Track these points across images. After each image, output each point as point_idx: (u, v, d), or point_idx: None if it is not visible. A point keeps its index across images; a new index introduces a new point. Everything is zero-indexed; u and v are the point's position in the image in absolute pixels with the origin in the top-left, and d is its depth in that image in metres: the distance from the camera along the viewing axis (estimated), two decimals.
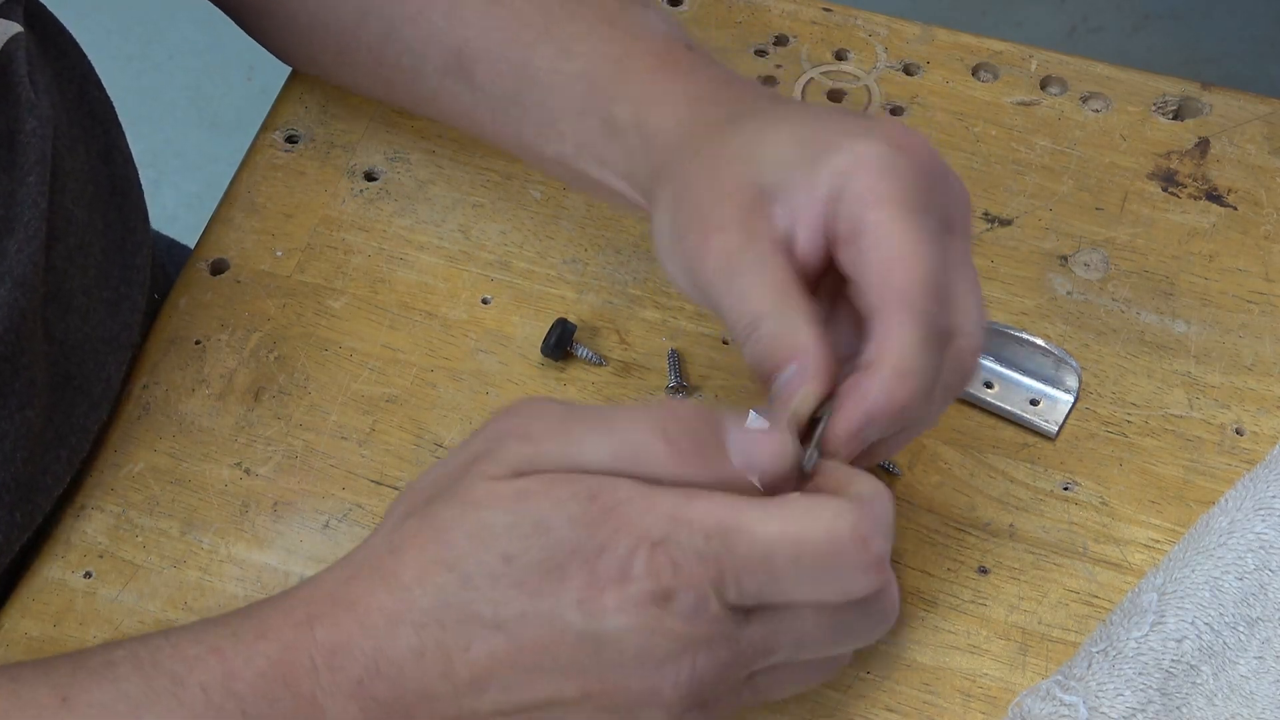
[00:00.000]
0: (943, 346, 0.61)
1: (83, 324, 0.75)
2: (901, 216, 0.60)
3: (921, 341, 0.59)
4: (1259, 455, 0.74)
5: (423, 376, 0.77)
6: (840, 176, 0.61)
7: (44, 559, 0.73)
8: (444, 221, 0.82)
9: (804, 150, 0.62)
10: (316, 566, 0.72)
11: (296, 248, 0.82)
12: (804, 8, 0.89)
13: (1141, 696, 0.66)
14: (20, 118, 0.71)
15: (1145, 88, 0.85)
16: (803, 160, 0.62)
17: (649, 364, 0.77)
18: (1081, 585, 0.71)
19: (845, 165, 0.61)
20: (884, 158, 0.60)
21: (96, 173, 0.78)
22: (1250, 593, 0.68)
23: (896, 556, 0.72)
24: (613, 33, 0.71)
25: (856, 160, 0.60)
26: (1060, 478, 0.74)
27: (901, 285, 0.59)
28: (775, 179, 0.62)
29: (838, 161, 0.61)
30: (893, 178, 0.60)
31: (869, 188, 0.60)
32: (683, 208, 0.64)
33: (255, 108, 1.97)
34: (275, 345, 0.79)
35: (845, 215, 0.61)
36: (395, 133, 0.85)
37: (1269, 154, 0.83)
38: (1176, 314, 0.78)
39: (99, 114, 0.79)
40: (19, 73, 0.71)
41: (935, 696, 0.69)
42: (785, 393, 0.60)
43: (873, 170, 0.60)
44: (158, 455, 0.76)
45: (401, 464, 0.75)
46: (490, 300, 0.80)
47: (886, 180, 0.60)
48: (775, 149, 0.63)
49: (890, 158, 0.60)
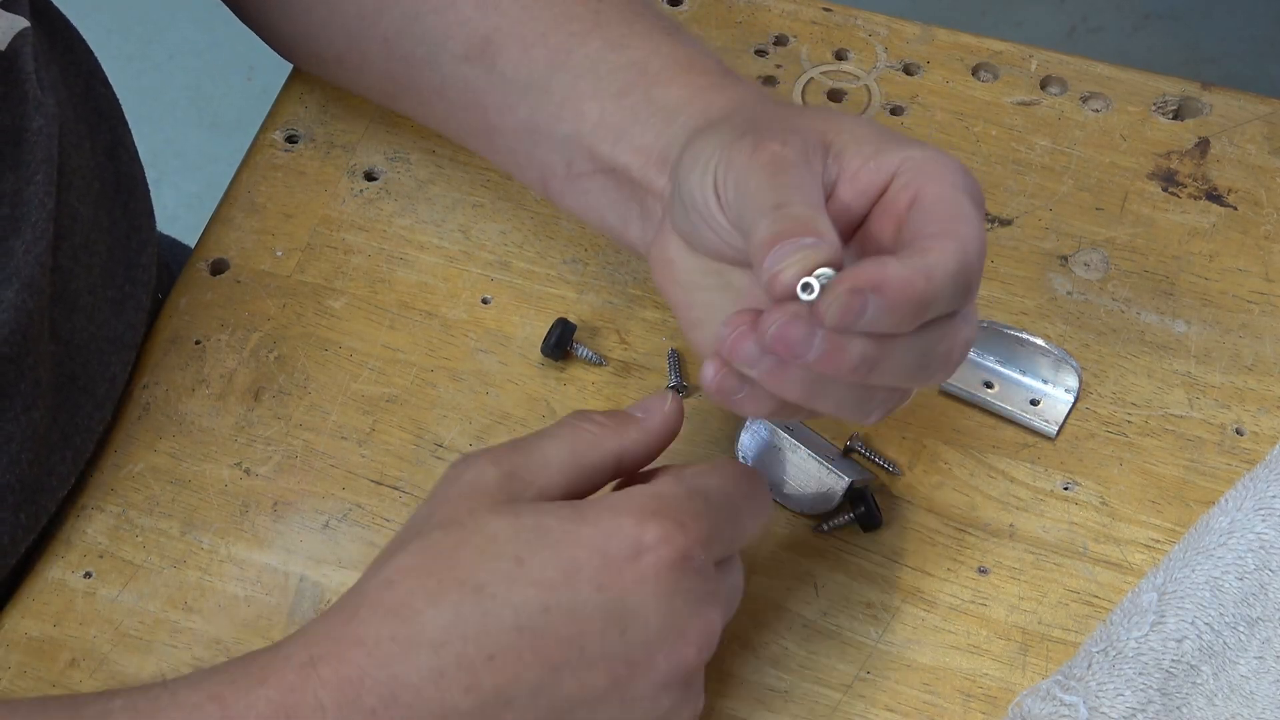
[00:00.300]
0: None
1: (88, 324, 0.75)
2: (963, 196, 0.60)
3: (953, 274, 0.57)
4: (1259, 455, 0.74)
5: (423, 376, 0.77)
6: (906, 162, 0.61)
7: (44, 559, 0.73)
8: (444, 221, 0.82)
9: (880, 135, 0.63)
10: (317, 566, 0.72)
11: (296, 248, 0.82)
12: (804, 8, 0.89)
13: (1141, 696, 0.66)
14: (27, 115, 0.70)
15: (1145, 88, 0.85)
16: (877, 138, 0.62)
17: (649, 364, 0.77)
18: (1081, 585, 0.71)
19: (911, 155, 0.61)
20: (947, 161, 0.62)
21: (102, 170, 0.78)
22: (1250, 593, 0.68)
23: (897, 556, 0.72)
24: (673, 40, 0.72)
25: (922, 156, 0.61)
26: (1060, 478, 0.74)
27: (954, 231, 0.58)
28: (845, 141, 0.62)
29: (913, 152, 0.62)
30: (958, 174, 0.61)
31: (936, 173, 0.61)
32: (743, 135, 0.62)
33: (255, 108, 1.97)
34: (275, 345, 0.79)
35: (909, 185, 0.60)
36: (395, 133, 0.85)
37: (1269, 154, 0.83)
38: (1176, 314, 0.78)
39: (105, 110, 0.79)
40: (26, 69, 0.71)
41: (935, 696, 0.69)
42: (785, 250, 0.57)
43: (937, 165, 0.61)
44: (158, 455, 0.76)
45: (401, 464, 0.75)
46: (490, 300, 0.80)
47: (952, 173, 0.61)
48: (846, 125, 0.63)
49: (952, 163, 0.62)
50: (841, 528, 0.72)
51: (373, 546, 0.73)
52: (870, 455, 0.74)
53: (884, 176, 0.61)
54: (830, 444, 0.74)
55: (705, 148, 0.63)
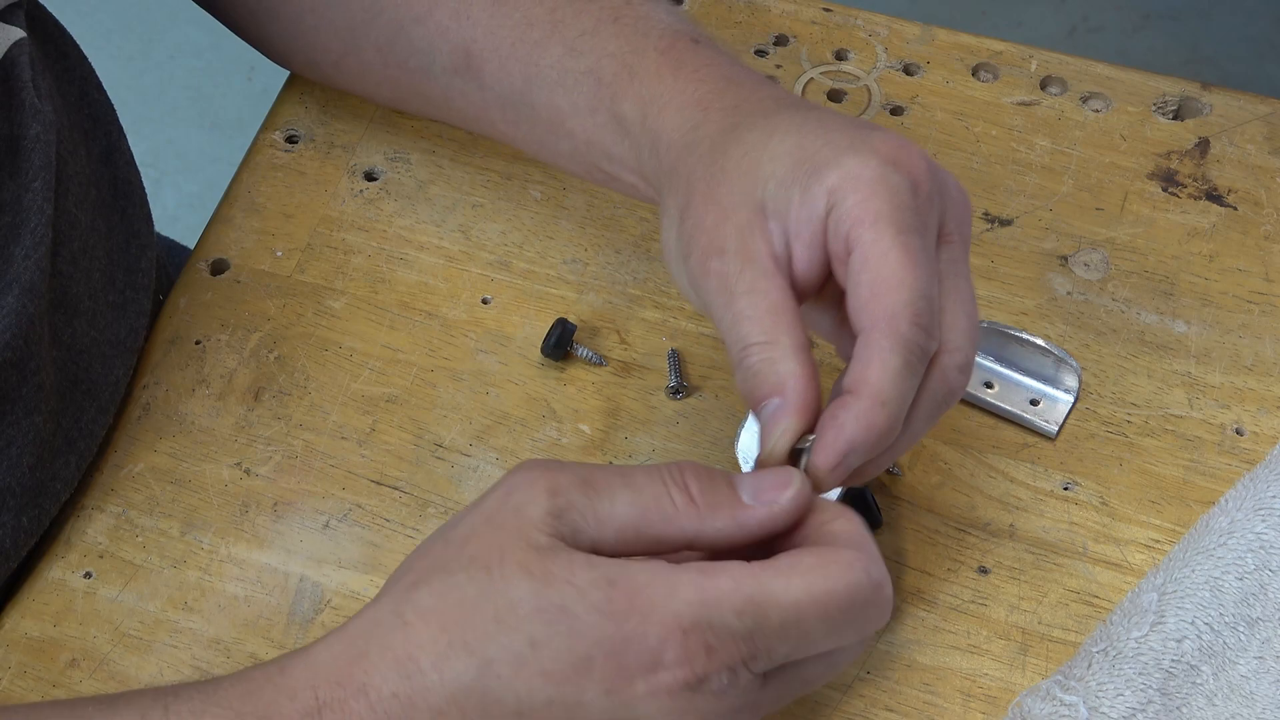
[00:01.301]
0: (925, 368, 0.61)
1: (89, 328, 0.75)
2: (891, 236, 0.60)
3: (901, 369, 0.59)
4: (1259, 455, 0.74)
5: (423, 376, 0.77)
6: (833, 195, 0.61)
7: (45, 559, 0.73)
8: (444, 221, 0.82)
9: (799, 168, 0.62)
10: (317, 566, 0.72)
11: (296, 248, 0.82)
12: (804, 8, 0.89)
13: (1141, 696, 0.66)
14: (24, 123, 0.71)
15: (1145, 88, 0.85)
16: (798, 178, 0.62)
17: (649, 364, 0.77)
18: (1081, 585, 0.71)
19: (838, 183, 0.61)
20: (876, 174, 0.61)
21: (99, 176, 0.78)
22: (1250, 593, 0.68)
23: (897, 556, 0.72)
24: (619, 29, 0.71)
25: (849, 178, 0.61)
26: (1060, 478, 0.74)
27: (886, 309, 0.59)
28: (773, 197, 0.62)
29: (831, 179, 0.61)
30: (884, 195, 0.60)
31: (860, 206, 0.60)
32: (685, 224, 0.64)
33: (255, 108, 1.98)
34: (275, 345, 0.79)
35: (837, 234, 0.61)
36: (395, 133, 0.85)
37: (1269, 154, 0.83)
38: (1176, 314, 0.78)
39: (100, 116, 0.79)
40: (22, 78, 0.71)
41: (935, 696, 0.69)
42: (769, 426, 0.61)
43: (864, 188, 0.60)
44: (158, 455, 0.76)
45: (401, 464, 0.75)
46: (490, 300, 0.80)
47: (877, 199, 0.60)
48: (772, 165, 0.63)
49: (882, 174, 0.61)
50: None
51: (373, 546, 0.73)
52: None
53: (820, 222, 0.61)
54: None
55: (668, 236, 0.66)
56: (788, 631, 0.56)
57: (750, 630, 0.56)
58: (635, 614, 0.55)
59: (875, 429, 0.59)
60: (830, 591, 0.56)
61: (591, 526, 0.57)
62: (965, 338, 0.62)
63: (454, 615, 0.57)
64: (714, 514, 0.58)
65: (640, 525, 0.58)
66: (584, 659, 0.56)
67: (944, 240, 0.63)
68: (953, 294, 0.62)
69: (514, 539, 0.57)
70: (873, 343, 0.60)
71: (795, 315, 0.61)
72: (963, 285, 0.63)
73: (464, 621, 0.56)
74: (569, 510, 0.57)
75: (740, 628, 0.56)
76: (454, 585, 0.57)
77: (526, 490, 0.58)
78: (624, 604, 0.56)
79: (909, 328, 0.59)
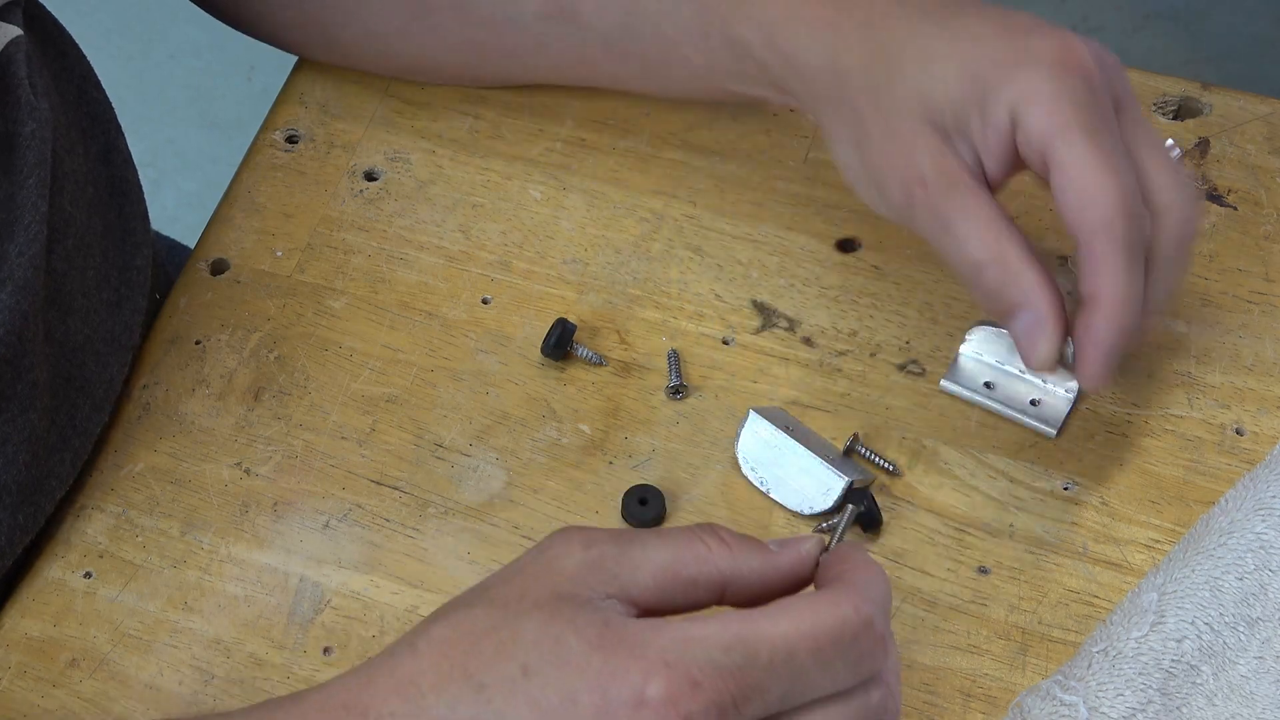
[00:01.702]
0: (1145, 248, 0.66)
1: (84, 326, 0.75)
2: (1083, 143, 0.64)
3: (1128, 264, 0.65)
4: (1259, 455, 0.74)
5: (423, 376, 0.77)
6: (1015, 112, 0.64)
7: (44, 559, 0.73)
8: (444, 221, 0.82)
9: (973, 90, 0.65)
10: (317, 566, 0.72)
11: (296, 248, 0.82)
12: None
13: (1141, 696, 0.66)
14: (20, 120, 0.71)
15: (1145, 88, 0.85)
16: (974, 100, 0.65)
17: (649, 364, 0.77)
18: (1081, 585, 0.71)
19: (1017, 100, 0.64)
20: (1052, 85, 0.64)
21: (96, 174, 0.78)
22: (1250, 593, 0.68)
23: (897, 556, 0.72)
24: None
25: (1026, 94, 0.64)
26: (1060, 478, 0.74)
27: (1099, 218, 0.64)
28: (954, 121, 0.66)
29: (1009, 95, 0.64)
30: (1066, 104, 0.64)
31: (1045, 120, 0.64)
32: (869, 156, 0.68)
33: (255, 108, 1.97)
34: (275, 345, 0.79)
35: (1030, 147, 0.65)
36: (395, 133, 0.85)
37: (1269, 154, 0.83)
38: (1176, 314, 0.78)
39: (98, 115, 0.79)
40: (19, 75, 0.71)
41: (935, 696, 0.69)
42: (1027, 339, 0.67)
43: (1045, 101, 0.64)
44: (158, 455, 0.76)
45: (401, 464, 0.75)
46: (490, 300, 0.80)
47: (1060, 110, 0.64)
48: (944, 90, 0.66)
49: (1058, 85, 0.64)
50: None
51: (373, 546, 0.73)
52: (870, 455, 0.74)
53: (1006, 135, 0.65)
54: (830, 444, 0.74)
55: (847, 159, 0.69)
56: (777, 668, 0.55)
57: (739, 666, 0.55)
58: (623, 647, 0.55)
59: (1126, 327, 0.66)
60: (817, 624, 0.55)
61: (625, 573, 0.57)
62: (1174, 192, 0.67)
63: (462, 645, 0.57)
64: (747, 554, 0.58)
65: (675, 565, 0.57)
66: (571, 692, 0.55)
67: (1120, 110, 0.66)
68: (1148, 158, 0.66)
69: (540, 584, 0.57)
70: (1096, 252, 0.65)
71: (1011, 224, 0.66)
72: (1151, 140, 0.67)
73: (469, 650, 0.56)
74: (602, 560, 0.57)
75: (728, 663, 0.55)
76: (469, 618, 0.57)
77: (563, 545, 0.58)
78: (614, 639, 0.55)
79: (1124, 228, 0.64)
